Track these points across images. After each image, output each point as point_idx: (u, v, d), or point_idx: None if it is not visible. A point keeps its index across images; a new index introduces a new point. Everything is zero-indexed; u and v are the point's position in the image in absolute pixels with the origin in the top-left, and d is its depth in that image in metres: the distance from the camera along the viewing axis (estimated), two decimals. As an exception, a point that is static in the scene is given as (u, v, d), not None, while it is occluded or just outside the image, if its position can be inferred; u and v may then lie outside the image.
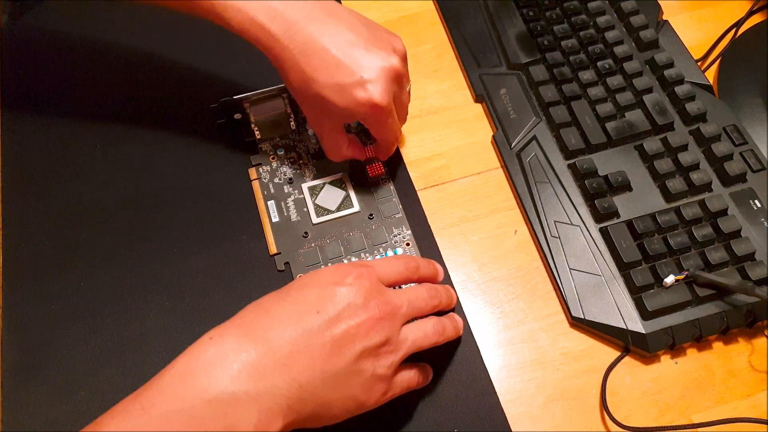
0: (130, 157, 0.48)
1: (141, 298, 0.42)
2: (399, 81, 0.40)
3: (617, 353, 0.41)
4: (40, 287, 0.42)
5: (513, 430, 0.38)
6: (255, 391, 0.29)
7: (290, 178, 0.46)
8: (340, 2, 0.54)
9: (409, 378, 0.36)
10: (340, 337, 0.32)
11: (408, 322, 0.35)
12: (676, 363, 0.40)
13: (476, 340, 0.41)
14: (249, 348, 0.30)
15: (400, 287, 0.39)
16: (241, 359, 0.30)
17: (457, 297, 0.42)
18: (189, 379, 0.29)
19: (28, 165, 0.47)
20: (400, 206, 0.45)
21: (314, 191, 0.46)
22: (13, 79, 0.51)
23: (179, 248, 0.44)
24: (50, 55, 0.52)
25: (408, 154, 0.48)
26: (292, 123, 0.47)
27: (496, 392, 0.39)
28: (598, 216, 0.44)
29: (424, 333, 0.36)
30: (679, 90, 0.48)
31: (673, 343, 0.40)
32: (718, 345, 0.41)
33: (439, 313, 0.39)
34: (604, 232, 0.43)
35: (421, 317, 0.37)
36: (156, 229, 0.45)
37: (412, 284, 0.39)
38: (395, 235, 0.44)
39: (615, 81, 0.48)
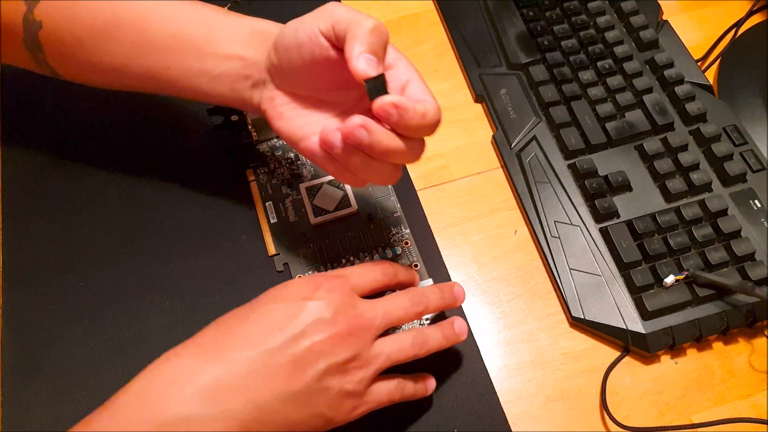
0: (128, 158, 0.48)
1: (141, 298, 0.42)
2: None
3: (617, 353, 0.41)
4: (40, 287, 0.42)
5: (513, 430, 0.38)
6: (208, 414, 0.29)
7: (288, 179, 0.46)
8: None
9: (388, 391, 0.34)
10: (302, 355, 0.31)
11: (390, 331, 0.34)
12: (676, 363, 0.40)
13: (476, 340, 0.41)
14: (205, 370, 0.30)
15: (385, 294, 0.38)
16: (196, 382, 0.29)
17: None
18: (142, 403, 0.29)
19: (28, 165, 0.47)
20: (399, 205, 0.45)
21: (312, 191, 0.46)
22: (13, 80, 0.51)
23: (179, 249, 0.44)
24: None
25: (408, 154, 0.48)
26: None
27: (496, 392, 0.39)
28: (598, 216, 0.44)
29: (400, 347, 0.34)
30: (679, 90, 0.48)
31: (673, 343, 0.40)
32: (718, 345, 0.41)
33: (441, 316, 0.39)
34: (604, 232, 0.43)
35: (422, 323, 0.36)
36: (155, 230, 0.45)
37: (398, 291, 0.37)
38: (393, 235, 0.44)
39: (615, 81, 0.48)
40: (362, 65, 0.30)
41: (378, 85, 0.31)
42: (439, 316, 0.41)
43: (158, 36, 0.36)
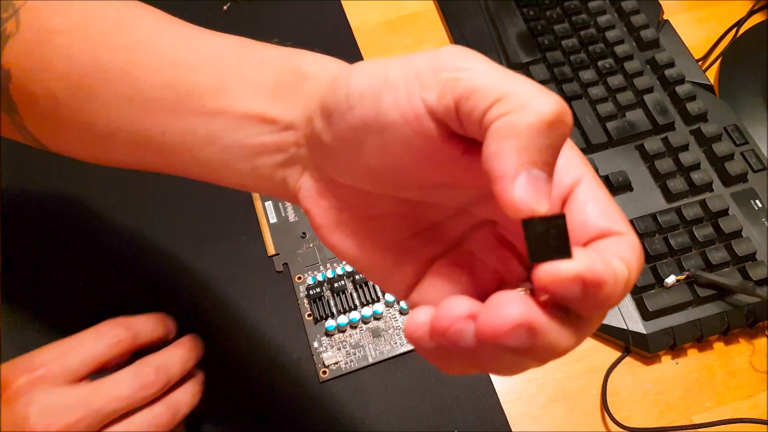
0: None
1: (139, 299, 0.42)
2: None
3: (618, 354, 0.40)
4: (39, 287, 0.42)
5: (513, 430, 0.38)
6: None
7: (290, 178, 0.46)
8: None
9: None
10: None
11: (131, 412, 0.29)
12: (677, 363, 0.40)
13: (476, 340, 0.41)
14: None
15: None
16: None
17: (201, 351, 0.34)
18: None
19: (28, 165, 0.47)
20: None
21: (314, 191, 0.46)
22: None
23: (177, 249, 0.44)
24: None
25: (408, 154, 0.48)
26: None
27: (496, 392, 0.39)
28: (599, 216, 0.43)
29: None
30: (680, 90, 0.48)
31: (673, 343, 0.40)
32: (719, 345, 0.41)
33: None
34: (605, 232, 0.43)
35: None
36: (154, 230, 0.44)
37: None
38: (395, 235, 0.44)
39: (615, 80, 0.48)
40: (523, 194, 0.16)
41: (549, 232, 0.17)
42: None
43: (151, 87, 0.25)
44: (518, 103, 0.17)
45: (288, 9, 0.54)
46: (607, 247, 0.18)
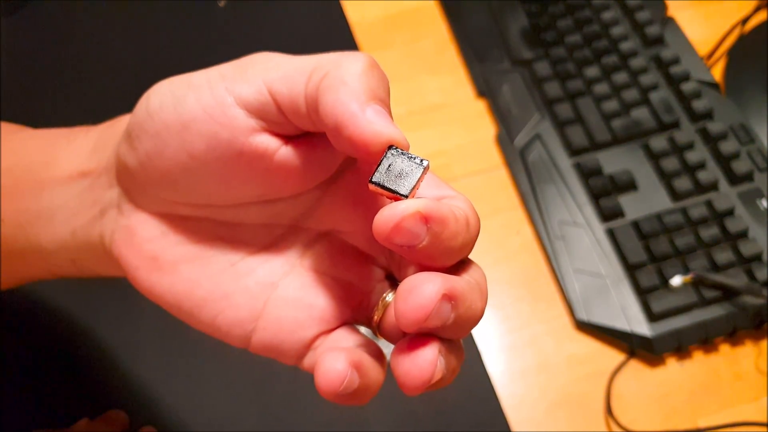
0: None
1: (135, 299, 0.41)
2: None
3: (622, 356, 0.40)
4: (38, 287, 0.42)
5: (516, 435, 0.38)
6: None
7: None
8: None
9: None
10: None
11: None
12: (682, 366, 0.40)
13: (477, 344, 0.40)
14: None
15: None
16: None
17: None
18: None
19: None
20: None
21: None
22: (10, 77, 0.50)
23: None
24: (48, 52, 0.51)
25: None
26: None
27: (498, 397, 0.38)
28: (603, 216, 0.43)
29: None
30: (685, 87, 0.47)
31: (679, 345, 0.39)
32: (724, 347, 0.40)
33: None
34: (609, 233, 0.42)
35: None
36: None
37: None
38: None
39: (620, 78, 0.48)
40: (379, 121, 0.17)
41: (405, 168, 0.17)
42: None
43: None
44: (332, 65, 0.18)
45: (285, 3, 0.53)
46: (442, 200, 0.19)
